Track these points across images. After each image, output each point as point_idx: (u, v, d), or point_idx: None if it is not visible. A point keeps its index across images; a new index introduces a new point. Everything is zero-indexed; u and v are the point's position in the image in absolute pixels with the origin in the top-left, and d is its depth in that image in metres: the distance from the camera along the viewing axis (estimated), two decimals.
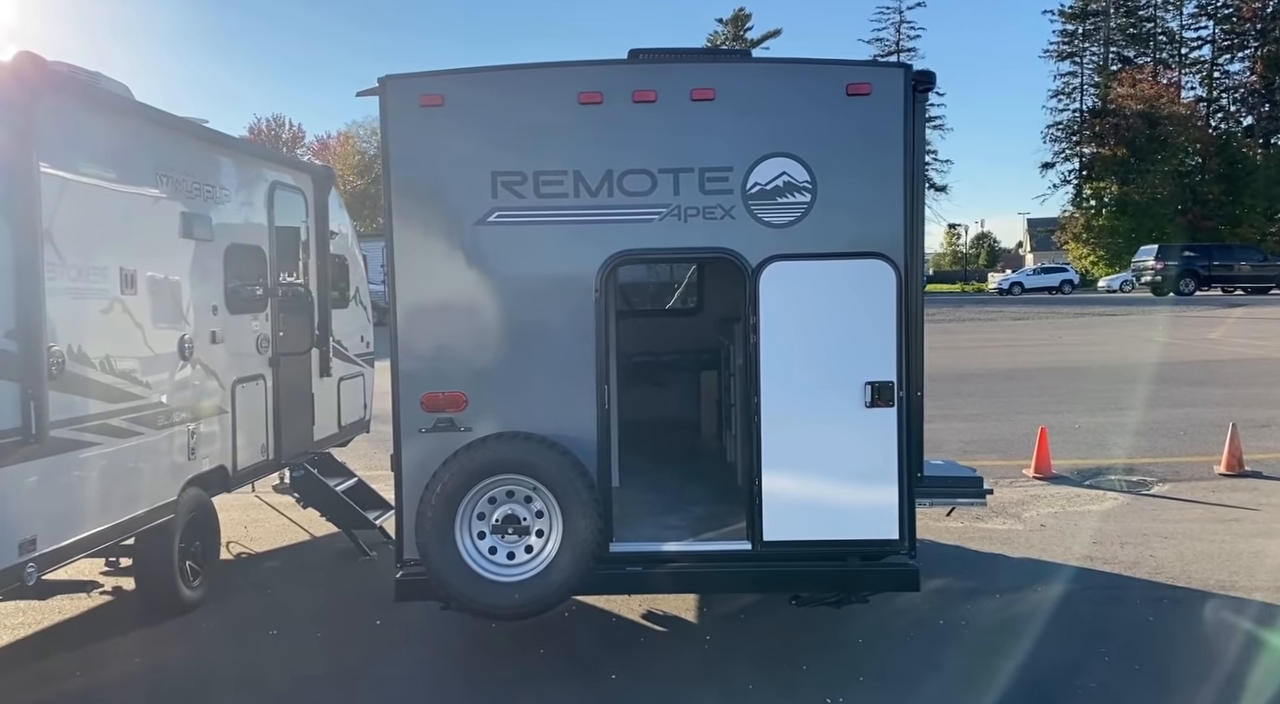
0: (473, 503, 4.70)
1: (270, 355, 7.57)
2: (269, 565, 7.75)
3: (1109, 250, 58.06)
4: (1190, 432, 11.64)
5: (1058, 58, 67.81)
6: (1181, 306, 33.39)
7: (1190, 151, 59.53)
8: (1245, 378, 15.44)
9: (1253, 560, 6.92)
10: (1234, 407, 12.84)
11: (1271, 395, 13.71)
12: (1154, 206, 56.46)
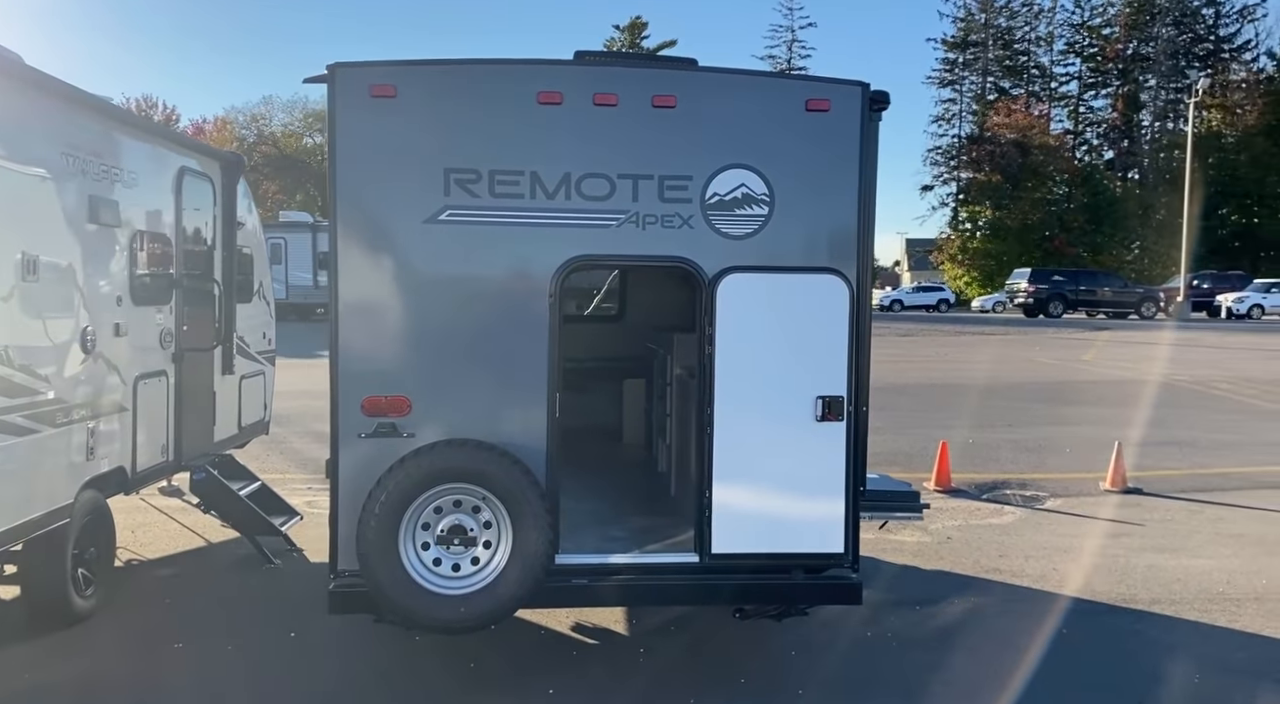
0: (418, 512, 4.51)
1: (174, 351, 7.16)
2: (163, 573, 7.33)
3: (982, 272, 60.48)
4: (1075, 449, 12.16)
5: (939, 84, 70.42)
6: (1053, 328, 35.01)
7: (1058, 181, 62.56)
8: (1119, 399, 16.25)
9: (1147, 574, 7.24)
10: (1111, 426, 13.47)
11: (1144, 416, 14.45)
12: (1025, 232, 59.10)
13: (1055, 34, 67.78)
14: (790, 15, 73.29)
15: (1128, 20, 65.37)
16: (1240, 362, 22.86)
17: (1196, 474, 10.89)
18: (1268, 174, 59.60)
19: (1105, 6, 67.12)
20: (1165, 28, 64.18)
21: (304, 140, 62.39)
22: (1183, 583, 7.01)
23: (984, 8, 67.37)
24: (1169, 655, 5.60)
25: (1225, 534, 8.44)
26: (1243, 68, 65.23)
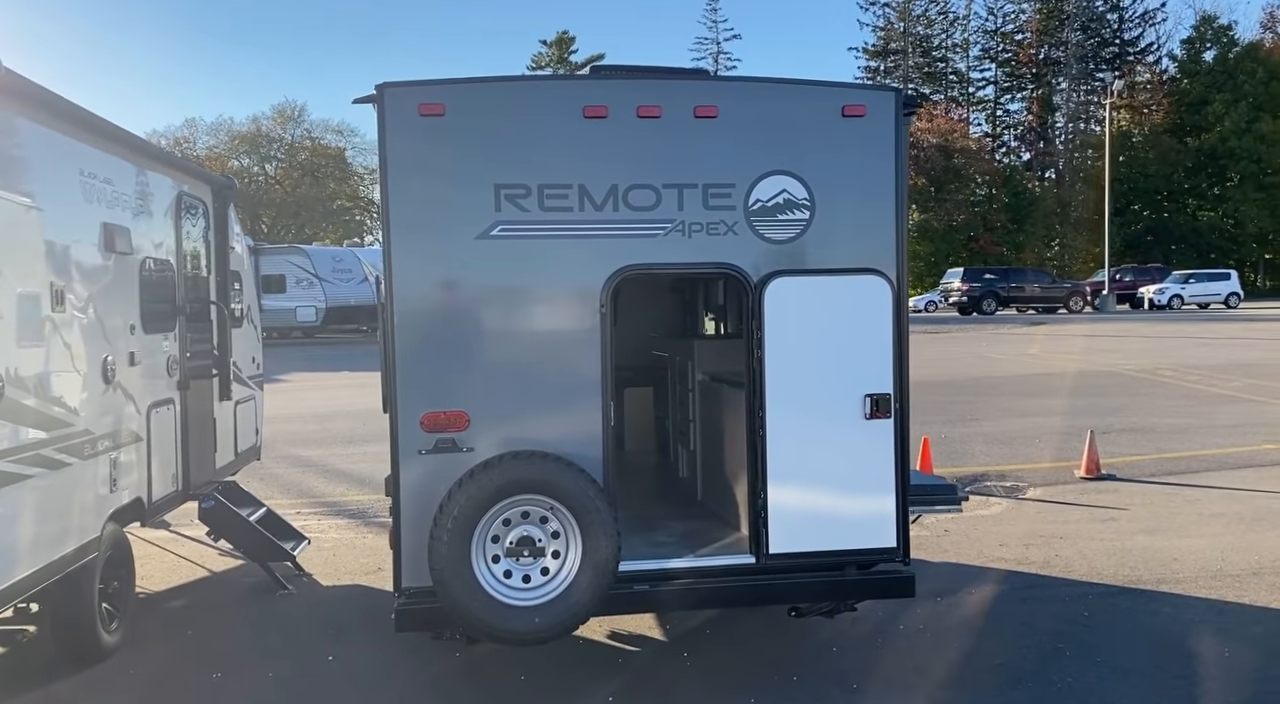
0: (488, 525, 4.52)
1: (179, 378, 7.06)
2: (175, 605, 7.19)
3: (911, 272, 61.57)
4: (1043, 439, 12.54)
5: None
6: (991, 324, 35.92)
7: (980, 182, 64.25)
8: (1074, 389, 16.78)
9: (1144, 556, 7.53)
10: (1073, 416, 13.94)
11: (1101, 405, 14.97)
12: (950, 233, 60.54)
13: (971, 41, 69.89)
14: (715, 28, 73.91)
15: (1038, 26, 67.59)
16: (1176, 349, 23.77)
17: (1163, 459, 11.32)
18: (1174, 171, 62.06)
19: (1017, 13, 69.43)
20: (1074, 32, 66.48)
21: (230, 162, 61.20)
22: (1181, 563, 7.31)
23: (902, 16, 69.06)
24: (1191, 633, 5.85)
25: (1206, 514, 8.81)
26: (1147, 69, 67.82)
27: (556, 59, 70.52)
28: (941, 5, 69.34)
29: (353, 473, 11.99)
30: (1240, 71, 60.86)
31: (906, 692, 5.08)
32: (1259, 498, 9.33)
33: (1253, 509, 8.89)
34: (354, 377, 22.53)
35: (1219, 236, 61.82)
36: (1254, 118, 58.95)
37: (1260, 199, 59.30)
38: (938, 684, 5.18)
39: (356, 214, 68.93)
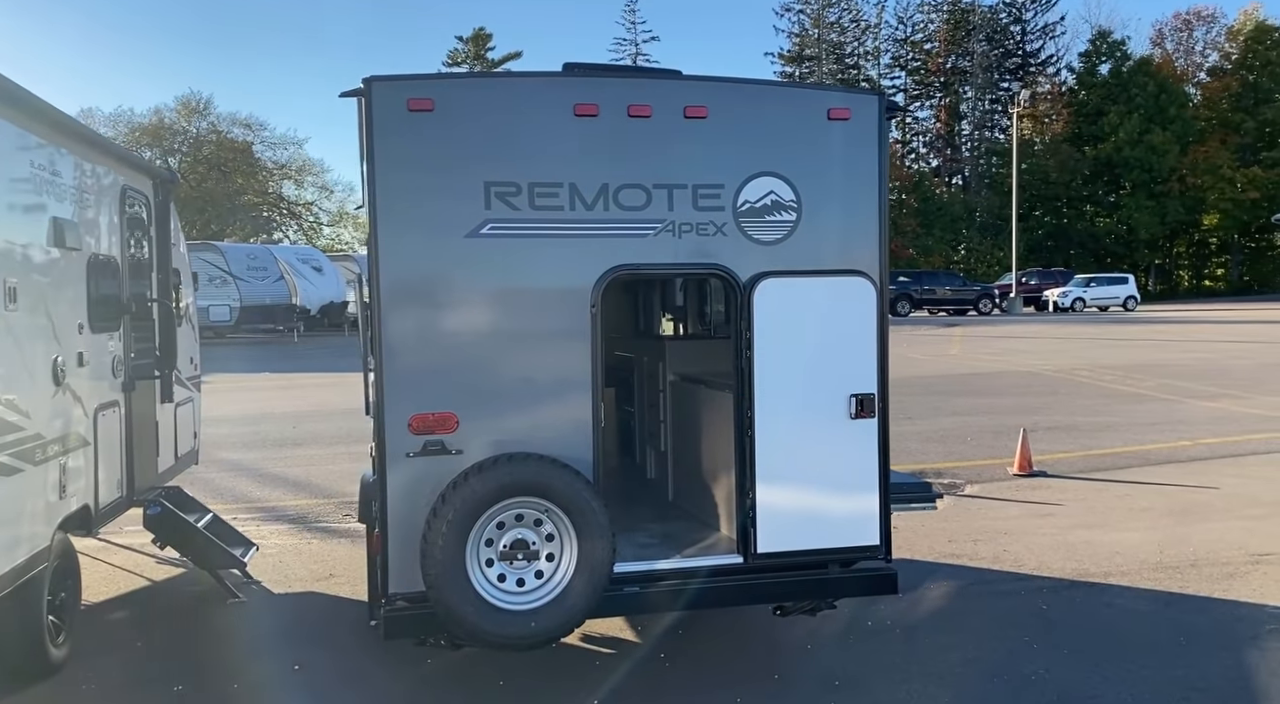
0: (483, 529, 4.44)
1: (124, 379, 6.77)
2: (118, 616, 6.90)
3: None
4: (974, 437, 12.88)
5: None
6: (908, 326, 36.70)
7: (891, 188, 65.73)
8: (999, 389, 17.28)
9: (1087, 550, 7.78)
10: (1000, 415, 14.37)
11: (1026, 404, 15.45)
12: None
13: (882, 49, 71.51)
14: (633, 29, 73.97)
15: (946, 36, 69.51)
16: (1087, 350, 24.67)
17: (1089, 455, 11.73)
18: (1074, 178, 64.44)
19: (926, 23, 71.26)
20: (979, 43, 68.52)
21: None
22: (1122, 556, 7.58)
23: (816, 23, 70.23)
24: (1146, 623, 6.07)
25: (1136, 509, 9.15)
26: (1047, 81, 70.31)
27: (473, 56, 69.85)
28: (854, 13, 70.88)
29: (288, 477, 11.68)
30: (1133, 85, 63.54)
31: (889, 687, 5.15)
32: (1183, 492, 9.74)
33: (1180, 503, 9.27)
34: (276, 378, 21.93)
35: (1114, 242, 64.40)
36: (1145, 129, 61.62)
37: (1151, 206, 62.02)
38: (917, 679, 5.26)
39: (265, 210, 67.15)
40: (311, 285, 34.30)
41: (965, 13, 69.14)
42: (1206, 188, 62.32)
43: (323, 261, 36.83)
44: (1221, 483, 10.05)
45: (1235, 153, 63.62)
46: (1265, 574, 7.00)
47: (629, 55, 71.65)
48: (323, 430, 14.70)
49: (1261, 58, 65.28)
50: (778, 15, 77.79)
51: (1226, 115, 64.56)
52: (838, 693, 5.08)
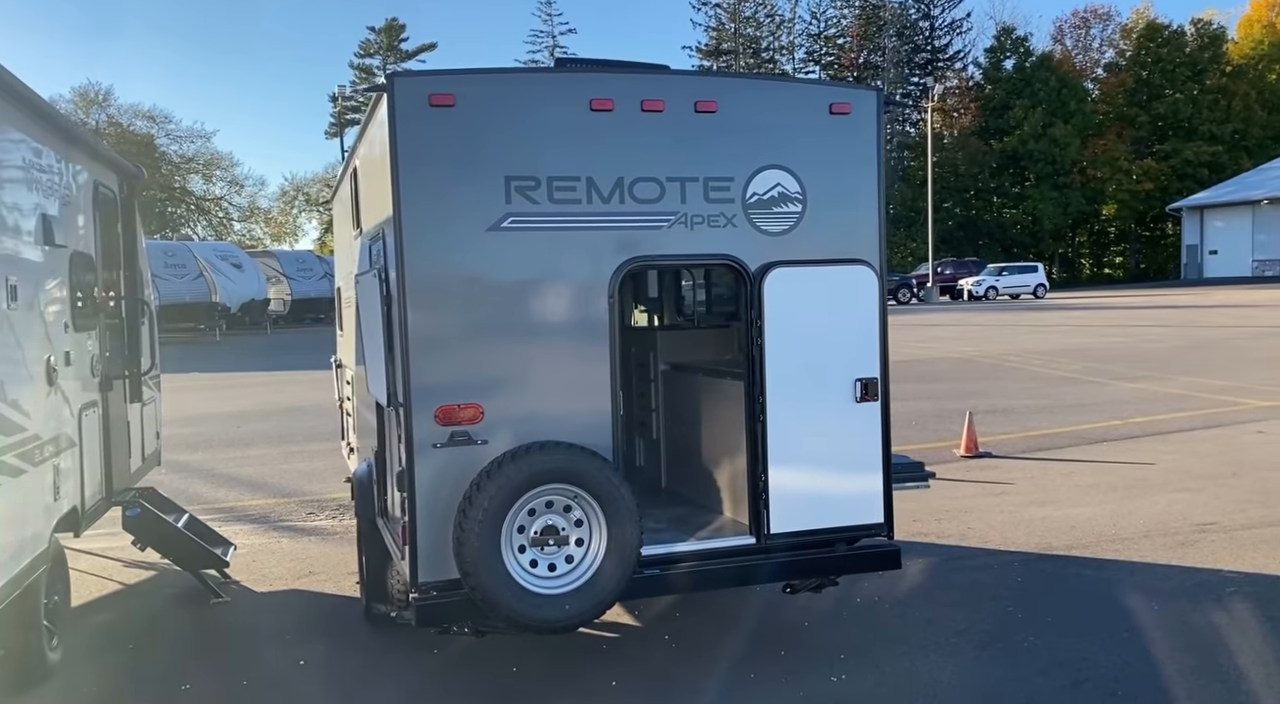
0: (515, 516, 4.52)
1: (101, 379, 6.65)
2: (100, 619, 6.77)
3: None
4: (919, 421, 13.30)
5: None
6: None
7: None
8: (933, 375, 17.82)
9: (1045, 525, 8.17)
10: (939, 399, 14.84)
11: (963, 389, 15.98)
12: None
13: (796, 44, 72.59)
14: (550, 21, 73.80)
15: (859, 31, 70.93)
16: (1010, 337, 25.55)
17: (1029, 436, 12.24)
18: (981, 170, 66.43)
19: (839, 18, 72.58)
20: (890, 39, 70.10)
21: None
22: (1079, 530, 7.98)
23: (733, 17, 70.99)
24: (1116, 591, 6.42)
25: (1082, 486, 9.61)
26: (955, 76, 72.30)
27: (386, 47, 68.85)
28: (769, 8, 71.80)
29: (241, 477, 11.50)
30: (1036, 80, 65.74)
31: (892, 659, 5.38)
32: (1122, 469, 10.25)
33: (1120, 479, 9.76)
34: (206, 378, 21.41)
35: (1020, 232, 66.58)
36: (1048, 123, 63.82)
37: (1054, 198, 64.31)
38: (917, 651, 5.50)
39: (170, 206, 65.16)
40: (232, 283, 33.50)
41: (876, 8, 70.67)
42: (1105, 179, 64.88)
43: (243, 258, 36.00)
44: (1155, 459, 10.59)
45: (1131, 146, 66.35)
46: (1213, 542, 7.45)
47: (546, 48, 71.51)
48: (268, 430, 14.46)
49: (1153, 54, 68.13)
50: (695, 9, 78.65)
51: (1122, 110, 67.24)
52: (845, 665, 5.29)
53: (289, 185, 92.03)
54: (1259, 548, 7.23)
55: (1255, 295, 39.36)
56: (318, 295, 39.06)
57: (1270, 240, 55.78)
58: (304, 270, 41.66)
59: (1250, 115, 66.97)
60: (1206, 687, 4.83)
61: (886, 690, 4.98)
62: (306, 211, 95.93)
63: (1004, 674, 5.10)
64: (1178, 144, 65.45)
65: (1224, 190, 60.32)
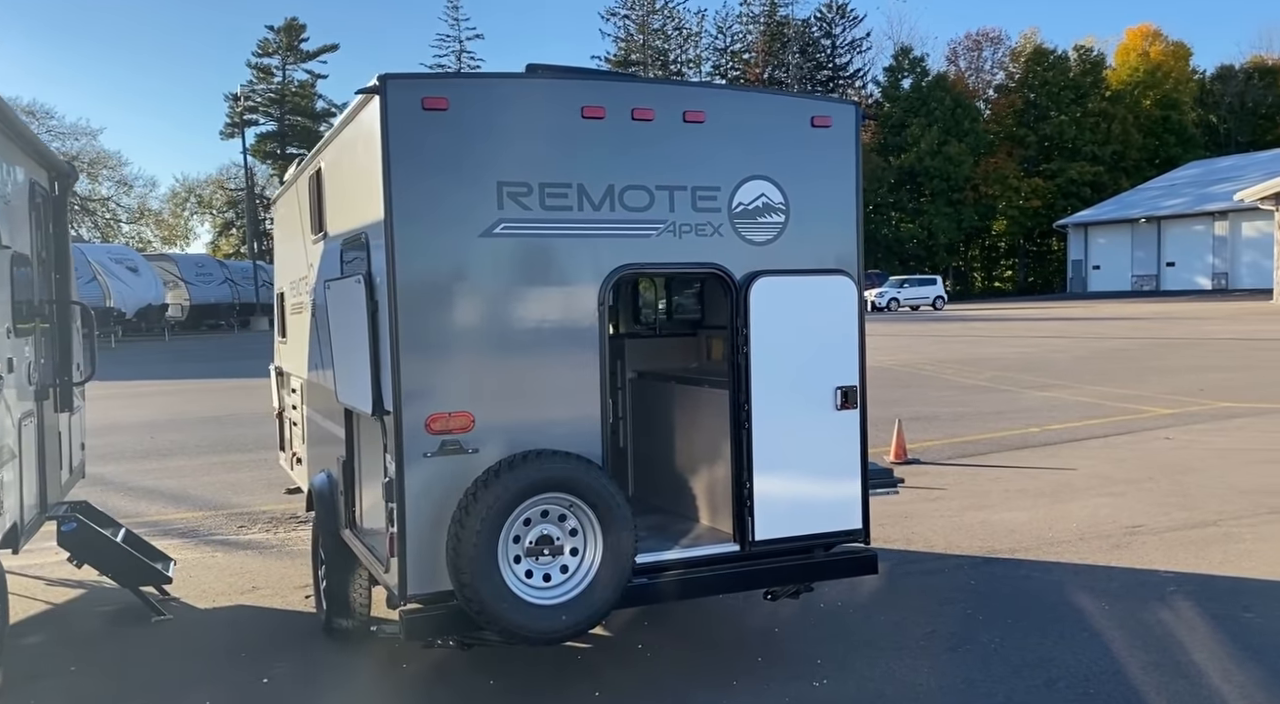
0: (511, 526, 4.45)
1: (37, 387, 6.32)
2: (31, 641, 6.41)
3: None
4: None
5: None
6: None
7: None
8: None
9: (984, 529, 8.42)
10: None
11: (883, 396, 16.24)
12: None
13: (703, 57, 73.50)
14: (457, 25, 73.00)
15: (763, 47, 72.26)
16: (920, 347, 26.28)
17: (953, 443, 12.61)
18: (881, 186, 68.29)
19: (744, 34, 73.76)
20: (794, 55, 71.59)
21: None
22: (1019, 533, 8.25)
23: (641, 29, 71.51)
24: (1067, 592, 6.65)
25: (1012, 490, 9.94)
26: (855, 93, 74.20)
27: (286, 47, 67.19)
28: (677, 21, 72.54)
29: (162, 490, 11.06)
30: (932, 99, 67.98)
31: (868, 664, 5.47)
32: (1046, 474, 10.63)
33: (1047, 484, 10.13)
34: (108, 386, 20.39)
35: (916, 246, 68.64)
36: (943, 141, 66.05)
37: (949, 213, 66.55)
38: (891, 653, 5.60)
39: None
40: (126, 287, 32.14)
41: (780, 25, 72.07)
42: (996, 196, 67.44)
43: (138, 262, 34.59)
44: (1075, 464, 11.02)
45: (1020, 164, 69.17)
46: (1145, 543, 7.79)
47: (453, 53, 70.81)
48: (184, 440, 13.92)
49: (1040, 78, 71.18)
50: (604, 19, 78.87)
51: (1012, 129, 70.02)
52: (823, 670, 5.35)
53: (180, 186, 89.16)
54: (1188, 548, 7.59)
55: (1138, 308, 41.37)
56: (217, 301, 37.79)
57: (1147, 257, 58.78)
58: (203, 275, 40.26)
59: (1128, 138, 70.51)
60: (1171, 683, 5.04)
61: (870, 693, 5.06)
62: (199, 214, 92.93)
63: (978, 675, 5.23)
64: (1063, 163, 68.49)
65: (1105, 209, 63.33)
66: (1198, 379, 17.37)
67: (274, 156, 78.44)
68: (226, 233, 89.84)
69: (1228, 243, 54.51)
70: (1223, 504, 8.91)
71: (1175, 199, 59.60)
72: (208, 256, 50.98)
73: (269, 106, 75.24)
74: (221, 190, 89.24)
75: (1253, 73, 76.92)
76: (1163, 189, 63.12)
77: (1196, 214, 55.94)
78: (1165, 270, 58.04)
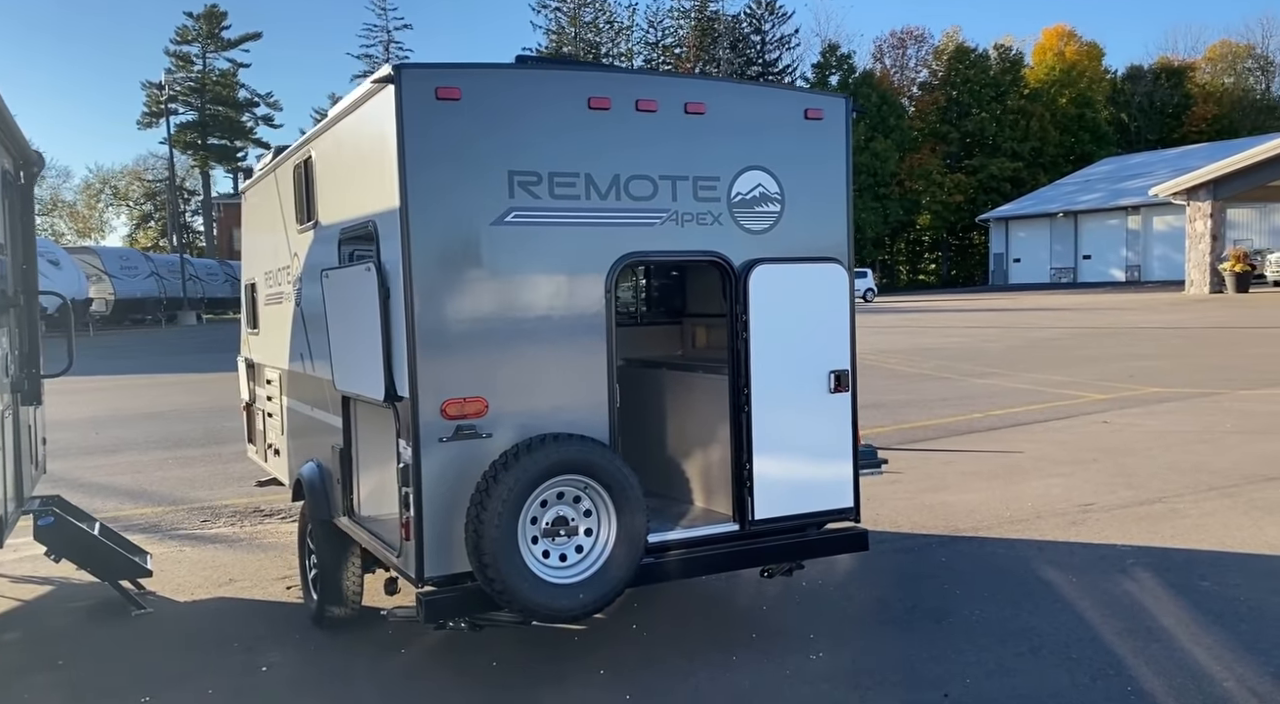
0: (530, 507, 4.54)
1: (12, 379, 6.21)
2: (10, 637, 6.31)
3: None
4: None
5: None
6: None
7: None
8: None
9: (945, 510, 8.73)
10: None
11: None
12: None
13: (635, 51, 73.62)
14: (385, 15, 72.09)
15: (694, 42, 72.68)
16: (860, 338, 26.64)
17: (902, 429, 12.97)
18: None
19: (676, 28, 74.08)
20: (725, 51, 72.15)
21: None
22: (978, 513, 8.57)
23: (573, 22, 71.33)
24: (1034, 567, 6.95)
25: (965, 473, 10.30)
26: None
27: (206, 34, 65.53)
28: (608, 15, 72.57)
29: (116, 486, 10.85)
30: (859, 96, 69.07)
31: (859, 637, 5.69)
32: (995, 457, 11.03)
33: (997, 467, 10.52)
34: None
35: None
36: (870, 137, 67.24)
37: (876, 208, 67.80)
38: (879, 627, 5.83)
39: None
40: (48, 281, 31.04)
41: (711, 20, 72.57)
42: (921, 191, 68.95)
43: (60, 255, 33.49)
44: (1022, 448, 11.45)
45: (943, 160, 70.79)
46: (1099, 520, 8.17)
47: (380, 42, 69.84)
48: (130, 436, 13.63)
49: (962, 76, 72.93)
50: (535, 11, 78.46)
51: (935, 126, 71.64)
52: (817, 644, 5.55)
53: (95, 178, 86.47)
54: (1140, 523, 7.98)
55: (1060, 300, 42.72)
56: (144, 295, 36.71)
57: (1065, 250, 60.70)
58: (128, 268, 39.12)
59: (1046, 135, 72.66)
60: (1146, 646, 5.34)
61: (866, 665, 5.26)
62: (115, 206, 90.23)
63: (966, 645, 5.48)
64: (984, 160, 70.30)
65: (1025, 204, 65.19)
66: (1126, 366, 18.09)
67: (194, 147, 76.51)
68: (144, 225, 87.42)
69: (1140, 236, 56.59)
70: (1165, 483, 9.36)
71: (1090, 194, 61.62)
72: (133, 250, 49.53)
73: (189, 95, 73.35)
74: (139, 182, 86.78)
75: (1160, 73, 79.95)
76: (1079, 184, 65.20)
77: (1111, 209, 57.93)
78: (1082, 263, 60.00)
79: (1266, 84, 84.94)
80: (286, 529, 8.75)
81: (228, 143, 77.68)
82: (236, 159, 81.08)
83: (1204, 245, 38.43)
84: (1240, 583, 6.36)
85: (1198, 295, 38.22)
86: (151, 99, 72.07)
